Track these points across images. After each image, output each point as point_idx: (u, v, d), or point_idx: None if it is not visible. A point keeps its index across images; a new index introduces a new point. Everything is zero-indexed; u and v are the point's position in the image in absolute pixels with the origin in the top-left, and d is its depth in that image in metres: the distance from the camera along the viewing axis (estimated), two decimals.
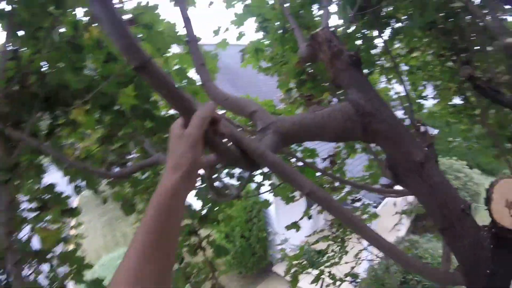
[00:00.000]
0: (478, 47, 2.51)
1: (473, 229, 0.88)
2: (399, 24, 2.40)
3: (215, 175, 1.55)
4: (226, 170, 2.24)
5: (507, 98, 1.97)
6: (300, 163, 2.10)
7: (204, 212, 2.23)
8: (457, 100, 3.46)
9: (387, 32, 2.41)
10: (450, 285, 0.95)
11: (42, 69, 1.63)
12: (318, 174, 2.20)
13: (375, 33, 2.34)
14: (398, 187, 1.19)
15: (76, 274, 1.84)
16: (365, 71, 2.27)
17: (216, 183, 1.55)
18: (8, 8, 1.43)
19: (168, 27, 1.80)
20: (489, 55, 2.45)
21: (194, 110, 0.67)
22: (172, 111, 1.97)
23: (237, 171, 2.25)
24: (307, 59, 1.20)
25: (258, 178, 2.43)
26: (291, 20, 1.72)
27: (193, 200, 2.11)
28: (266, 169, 2.29)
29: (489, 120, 3.18)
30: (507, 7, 2.01)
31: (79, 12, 1.62)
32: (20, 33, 1.52)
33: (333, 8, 2.12)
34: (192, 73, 1.64)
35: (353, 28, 2.25)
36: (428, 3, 2.01)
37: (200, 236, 2.27)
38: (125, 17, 1.64)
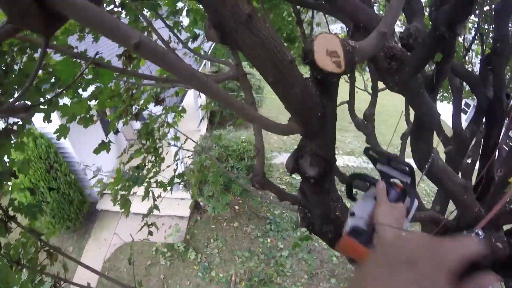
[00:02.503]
0: None
1: (301, 78, 0.92)
2: None
3: None
4: None
5: None
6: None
7: None
8: None
9: None
10: (288, 134, 1.02)
11: None
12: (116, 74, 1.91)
13: None
14: None
15: None
16: None
17: None
18: None
19: None
20: None
21: None
22: None
23: None
24: None
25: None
26: None
27: None
28: None
29: (268, 24, 3.46)
30: None
31: None
32: None
33: None
34: None
35: None
36: None
37: (2, 207, 1.76)
38: None
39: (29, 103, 1.86)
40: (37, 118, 2.04)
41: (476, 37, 4.23)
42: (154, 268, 6.53)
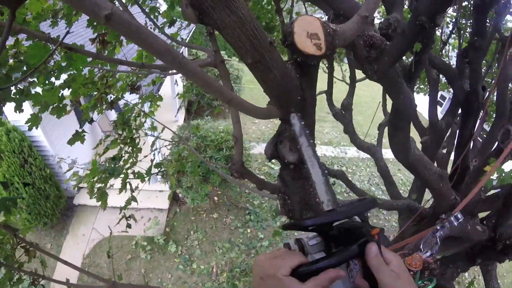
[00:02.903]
0: None
1: (281, 60, 0.90)
2: None
3: None
4: None
5: None
6: None
7: None
8: None
9: None
10: (267, 118, 1.00)
11: None
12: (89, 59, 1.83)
13: None
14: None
15: None
16: None
17: None
18: None
19: None
20: None
21: None
22: None
23: None
24: None
25: None
26: None
27: None
28: None
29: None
30: None
31: None
32: None
33: None
34: None
35: None
36: None
37: None
38: None
39: None
40: (9, 111, 1.95)
41: (454, 31, 4.33)
42: (134, 262, 6.44)
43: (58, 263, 6.04)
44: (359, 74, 3.85)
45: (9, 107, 1.94)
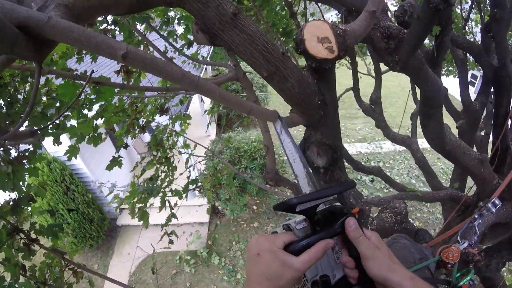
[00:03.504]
0: None
1: (296, 69, 0.91)
2: None
3: None
4: None
5: None
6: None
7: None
8: None
9: None
10: (291, 126, 1.01)
11: None
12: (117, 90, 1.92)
13: None
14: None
15: None
16: None
17: None
18: None
19: None
20: None
21: None
22: None
23: None
24: None
25: None
26: None
27: None
28: None
29: (262, 20, 3.48)
30: None
31: None
32: None
33: None
34: None
35: None
36: None
37: (24, 231, 1.81)
38: None
39: (36, 128, 1.89)
40: (49, 143, 2.06)
41: (474, 5, 4.16)
42: (179, 276, 6.57)
43: (105, 282, 6.27)
44: (384, 65, 3.77)
45: (48, 140, 2.06)
